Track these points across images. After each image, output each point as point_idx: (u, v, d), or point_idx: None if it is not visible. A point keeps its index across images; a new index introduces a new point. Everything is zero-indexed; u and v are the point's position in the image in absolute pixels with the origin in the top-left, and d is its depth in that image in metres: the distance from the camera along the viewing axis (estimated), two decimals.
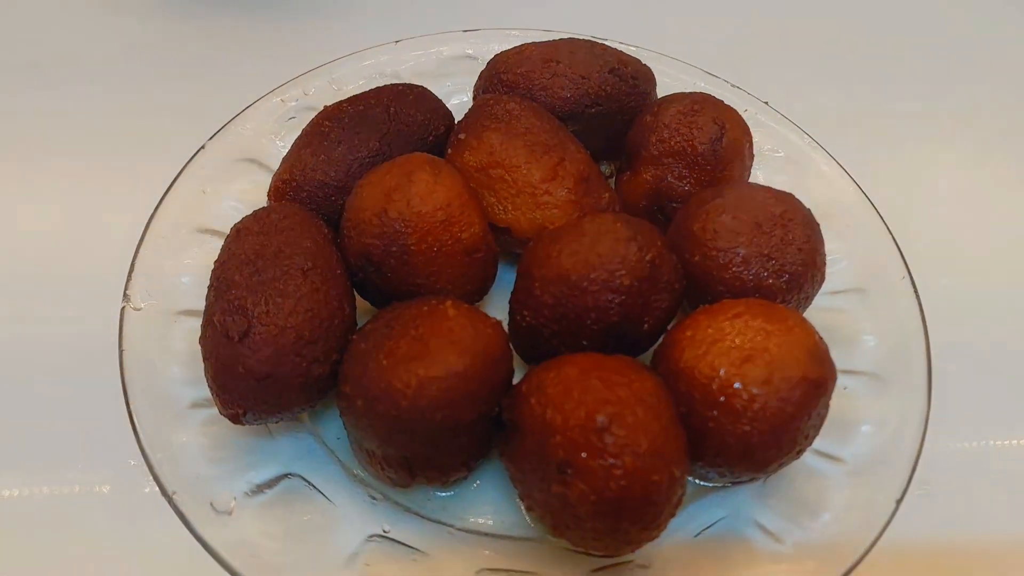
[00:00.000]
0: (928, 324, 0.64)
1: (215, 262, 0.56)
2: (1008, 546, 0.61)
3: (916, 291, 0.66)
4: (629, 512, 0.47)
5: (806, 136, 0.78)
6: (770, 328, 0.52)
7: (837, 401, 0.53)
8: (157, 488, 0.52)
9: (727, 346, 0.51)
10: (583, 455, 0.46)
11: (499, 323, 0.54)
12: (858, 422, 0.60)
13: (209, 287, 0.55)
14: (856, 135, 0.89)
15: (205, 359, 0.52)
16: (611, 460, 0.46)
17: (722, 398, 0.50)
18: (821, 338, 0.53)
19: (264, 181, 0.68)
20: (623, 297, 0.54)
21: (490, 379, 0.51)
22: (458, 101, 0.80)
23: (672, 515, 0.49)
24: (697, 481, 0.58)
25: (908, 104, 0.97)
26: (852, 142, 0.80)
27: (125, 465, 0.59)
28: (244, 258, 0.54)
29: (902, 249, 0.69)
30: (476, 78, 0.75)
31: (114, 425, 0.56)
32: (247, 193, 0.69)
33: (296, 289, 0.53)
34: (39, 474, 0.60)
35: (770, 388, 0.49)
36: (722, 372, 0.50)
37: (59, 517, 0.58)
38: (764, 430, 0.50)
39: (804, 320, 0.53)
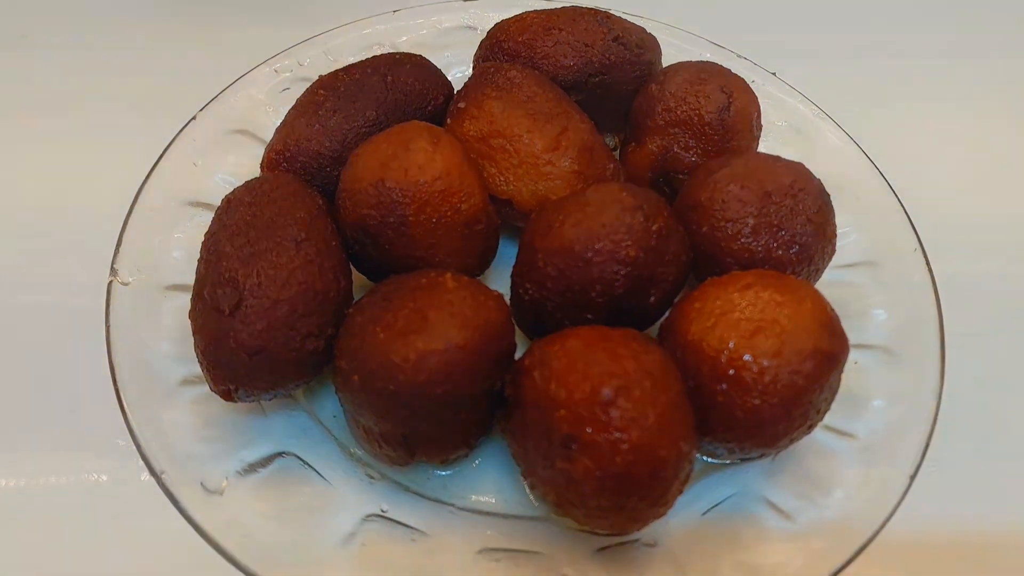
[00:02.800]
0: (940, 297, 0.62)
1: (205, 234, 0.54)
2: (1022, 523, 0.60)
3: (928, 264, 0.64)
4: (636, 488, 0.45)
5: (814, 107, 0.76)
6: (781, 299, 0.50)
7: (848, 376, 0.52)
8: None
9: (736, 318, 0.50)
10: (588, 429, 0.45)
11: (500, 296, 0.53)
12: (869, 397, 0.58)
13: (199, 259, 0.53)
14: (864, 106, 0.87)
15: (195, 333, 0.51)
16: (617, 434, 0.44)
17: (731, 371, 0.48)
18: (833, 309, 0.51)
19: (257, 153, 0.66)
20: (629, 269, 0.52)
21: (492, 353, 0.49)
22: (458, 73, 0.78)
23: (680, 491, 0.48)
24: (705, 458, 0.56)
25: (918, 76, 0.95)
26: (861, 114, 0.78)
27: (113, 445, 0.58)
28: (235, 229, 0.52)
29: (913, 221, 0.67)
30: (475, 49, 0.73)
31: (102, 404, 0.54)
32: (240, 166, 0.67)
33: (289, 261, 0.51)
34: (24, 455, 0.59)
35: (781, 360, 0.48)
36: (731, 344, 0.49)
37: (41, 499, 0.57)
38: (775, 403, 0.48)
39: (816, 291, 0.52)
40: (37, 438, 0.60)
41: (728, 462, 0.56)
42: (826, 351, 0.49)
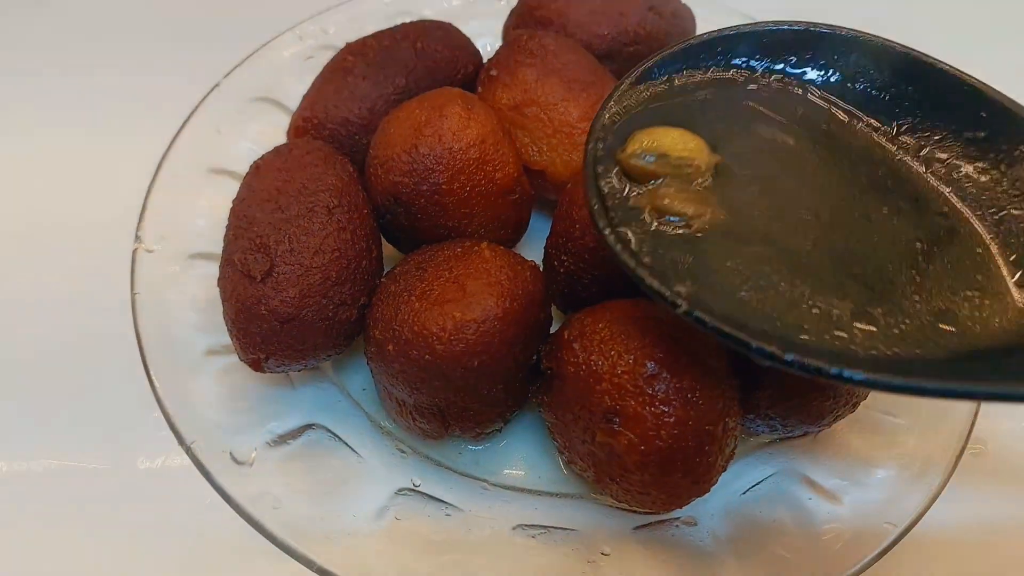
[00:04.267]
0: None
1: (234, 201, 0.52)
2: None
3: None
4: (680, 463, 0.44)
5: None
6: None
7: None
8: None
9: None
10: (632, 403, 0.43)
11: (536, 266, 0.51)
12: None
13: (227, 227, 0.52)
14: None
15: (224, 301, 0.49)
16: (662, 408, 0.43)
17: None
18: None
19: (281, 121, 0.64)
20: None
21: (529, 323, 0.48)
22: (483, 45, 0.76)
23: (723, 468, 0.46)
24: (746, 438, 0.55)
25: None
26: None
27: (141, 419, 0.56)
28: (265, 195, 0.51)
29: None
30: (503, 20, 0.71)
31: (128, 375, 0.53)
32: (263, 134, 0.66)
33: (322, 227, 0.49)
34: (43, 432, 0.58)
35: None
36: None
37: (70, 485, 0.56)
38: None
39: None
40: (57, 413, 0.59)
41: (769, 441, 0.55)
42: None
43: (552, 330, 0.52)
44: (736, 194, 0.44)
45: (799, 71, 0.49)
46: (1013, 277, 0.42)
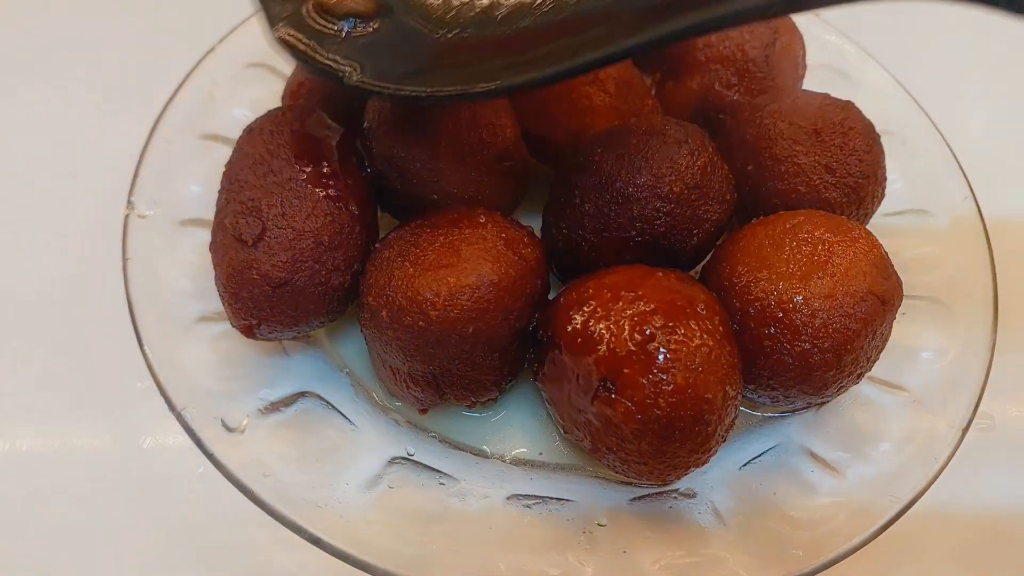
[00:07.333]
0: (992, 246, 0.59)
1: (226, 164, 0.51)
2: None
3: (980, 212, 0.61)
4: (678, 432, 0.43)
5: (859, 48, 0.72)
6: (833, 239, 0.47)
7: (896, 327, 0.49)
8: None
9: (786, 258, 0.47)
10: (628, 370, 0.42)
11: (534, 232, 0.50)
12: (918, 349, 0.55)
13: (220, 190, 0.51)
14: (909, 46, 0.82)
15: (216, 265, 0.48)
16: (660, 375, 0.42)
17: (780, 314, 0.46)
18: (885, 251, 0.49)
19: (277, 88, 0.63)
20: (672, 206, 0.49)
21: (526, 289, 0.47)
22: None
23: (723, 439, 0.46)
24: (747, 411, 0.54)
25: (964, 18, 0.91)
26: (905, 54, 0.73)
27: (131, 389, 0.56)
28: (258, 158, 0.50)
29: (964, 167, 0.64)
30: None
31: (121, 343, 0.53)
32: (259, 101, 0.64)
33: (315, 192, 0.48)
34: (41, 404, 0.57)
35: (833, 303, 0.45)
36: (780, 286, 0.46)
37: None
38: (825, 348, 0.45)
39: (868, 232, 0.49)
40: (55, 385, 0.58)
41: (770, 415, 0.54)
42: (879, 294, 0.46)
43: (550, 298, 0.50)
44: None
45: None
46: None
